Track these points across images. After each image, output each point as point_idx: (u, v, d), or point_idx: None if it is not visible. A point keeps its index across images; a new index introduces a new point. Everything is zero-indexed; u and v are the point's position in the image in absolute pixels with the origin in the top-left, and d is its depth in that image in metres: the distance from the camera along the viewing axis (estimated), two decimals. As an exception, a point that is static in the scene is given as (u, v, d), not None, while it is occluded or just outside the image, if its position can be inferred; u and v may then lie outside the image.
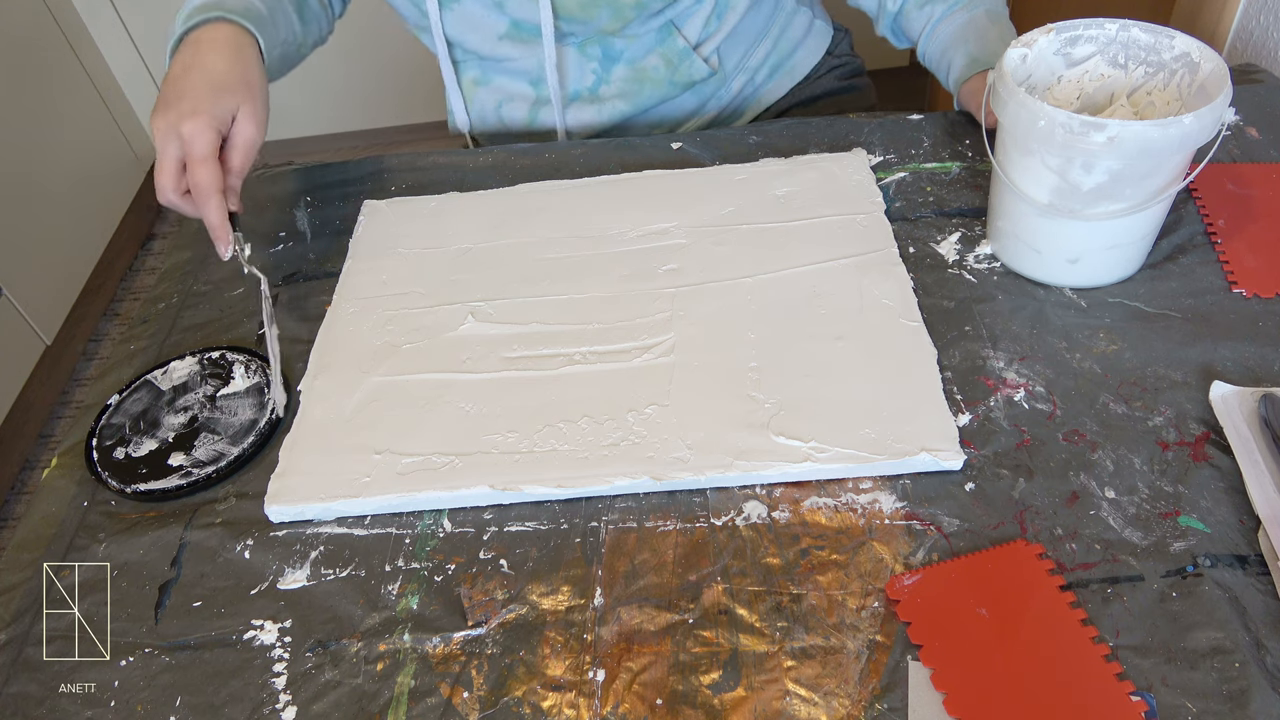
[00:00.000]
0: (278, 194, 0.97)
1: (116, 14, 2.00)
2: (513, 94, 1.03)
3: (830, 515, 0.63)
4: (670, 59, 0.98)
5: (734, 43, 1.02)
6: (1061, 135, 0.66)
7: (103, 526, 0.69)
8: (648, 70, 0.98)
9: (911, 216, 0.84)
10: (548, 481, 0.65)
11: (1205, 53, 0.71)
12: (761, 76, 1.06)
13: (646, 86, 1.00)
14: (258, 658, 0.60)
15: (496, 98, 1.04)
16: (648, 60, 0.98)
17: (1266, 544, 0.58)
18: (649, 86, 1.00)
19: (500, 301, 0.79)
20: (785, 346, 0.72)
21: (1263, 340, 0.70)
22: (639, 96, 1.00)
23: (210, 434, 0.72)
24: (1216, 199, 0.81)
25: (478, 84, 1.04)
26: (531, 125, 1.05)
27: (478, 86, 1.04)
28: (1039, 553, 0.59)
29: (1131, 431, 0.66)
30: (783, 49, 1.06)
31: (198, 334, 0.83)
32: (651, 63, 0.98)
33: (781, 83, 1.07)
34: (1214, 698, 0.52)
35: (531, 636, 0.59)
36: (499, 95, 1.04)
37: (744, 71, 1.04)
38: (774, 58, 1.05)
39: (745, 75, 1.04)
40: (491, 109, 1.05)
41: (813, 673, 0.55)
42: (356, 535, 0.66)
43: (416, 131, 2.22)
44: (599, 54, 0.98)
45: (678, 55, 0.98)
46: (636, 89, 1.00)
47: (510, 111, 1.05)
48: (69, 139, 1.97)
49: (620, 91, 1.00)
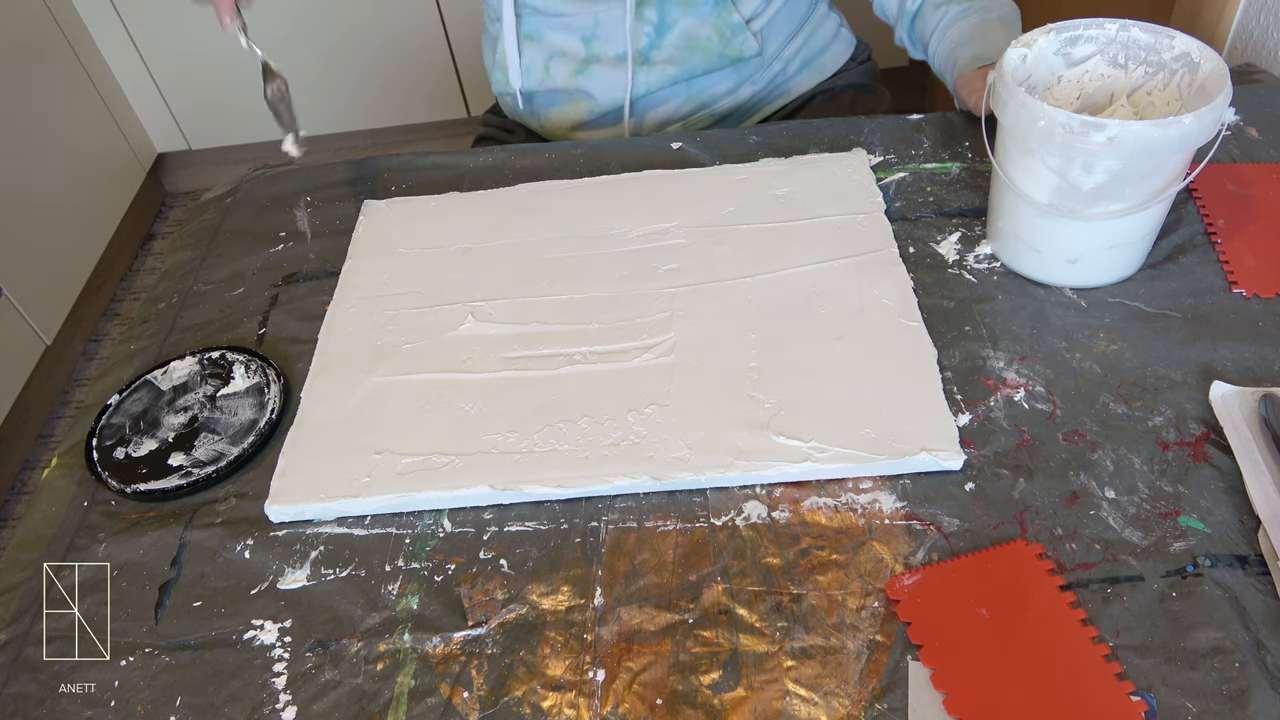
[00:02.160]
0: (278, 194, 0.97)
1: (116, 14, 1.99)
2: (564, 50, 1.04)
3: (830, 515, 0.63)
4: (723, 31, 1.02)
5: (775, 28, 1.06)
6: (1061, 135, 0.66)
7: (103, 526, 0.69)
8: (700, 39, 1.02)
9: (911, 216, 0.84)
10: (548, 481, 0.65)
11: (1205, 53, 0.71)
12: (794, 68, 1.10)
13: (697, 55, 1.03)
14: (258, 658, 0.60)
15: (546, 54, 1.06)
16: (701, 30, 1.01)
17: (1266, 544, 0.58)
18: (699, 55, 1.03)
19: (500, 301, 0.79)
20: (785, 346, 0.72)
21: (1263, 340, 0.70)
22: (689, 64, 1.03)
23: (210, 434, 0.72)
24: (1216, 199, 0.81)
25: (529, 39, 1.06)
26: (575, 83, 1.06)
27: (528, 42, 1.06)
28: (1039, 553, 0.59)
29: (1131, 431, 0.66)
30: (814, 46, 1.10)
31: (198, 334, 0.83)
32: (705, 32, 1.02)
33: (809, 77, 1.11)
34: (1214, 698, 0.52)
35: (531, 636, 0.59)
36: (548, 51, 1.06)
37: (780, 59, 1.08)
38: (805, 52, 1.10)
39: (781, 63, 1.08)
40: (539, 65, 1.07)
41: (813, 673, 0.55)
42: (356, 535, 0.66)
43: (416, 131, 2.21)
44: (655, 18, 1.01)
45: (730, 29, 1.01)
46: (687, 55, 1.03)
47: (557, 68, 1.06)
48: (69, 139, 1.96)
49: (670, 57, 1.03)
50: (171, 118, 2.19)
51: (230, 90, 2.10)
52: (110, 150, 2.11)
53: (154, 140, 2.23)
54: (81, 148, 2.01)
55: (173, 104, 2.16)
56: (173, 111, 2.17)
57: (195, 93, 2.14)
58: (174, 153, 2.28)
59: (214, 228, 0.95)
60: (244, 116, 2.15)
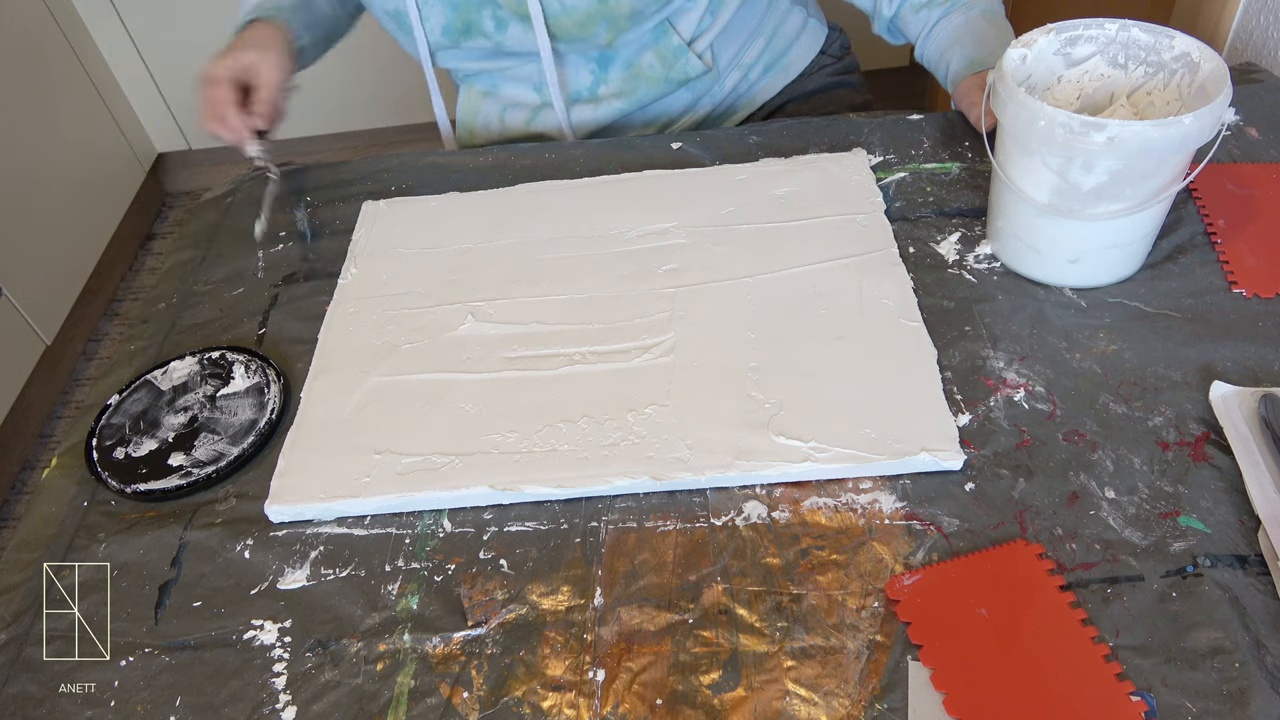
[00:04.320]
0: (278, 194, 0.97)
1: (116, 14, 2.00)
2: (517, 100, 1.05)
3: (830, 515, 0.63)
4: (665, 56, 0.99)
5: (727, 39, 1.02)
6: (1061, 135, 0.66)
7: (103, 526, 0.69)
8: (644, 69, 1.00)
9: (911, 216, 0.84)
10: (548, 481, 0.65)
11: (1205, 53, 0.71)
12: (755, 74, 1.06)
13: (643, 84, 1.01)
14: (257, 658, 0.60)
15: (500, 105, 1.07)
16: (643, 59, 0.99)
17: (1266, 544, 0.58)
18: (645, 84, 1.01)
19: (500, 301, 0.79)
20: (785, 346, 0.72)
21: (1263, 340, 0.70)
22: (635, 95, 1.01)
23: (210, 434, 0.72)
24: (1216, 199, 0.81)
25: (485, 95, 1.07)
26: (531, 127, 1.06)
27: (484, 98, 1.07)
28: (1039, 553, 0.59)
29: (1131, 431, 0.65)
30: (776, 47, 1.07)
31: (198, 334, 0.83)
32: (647, 61, 0.99)
33: (775, 80, 1.08)
34: (1214, 698, 0.52)
35: (531, 636, 0.59)
36: (503, 103, 1.06)
37: (738, 68, 1.05)
38: (768, 55, 1.06)
39: (739, 72, 1.05)
40: (496, 116, 1.08)
41: (812, 673, 0.55)
42: (356, 535, 0.66)
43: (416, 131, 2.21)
44: (596, 55, 0.99)
45: (672, 53, 0.99)
46: (633, 87, 1.01)
47: (513, 116, 1.06)
48: (69, 139, 1.97)
49: (618, 90, 1.01)
50: (171, 118, 2.19)
51: (230, 90, 2.10)
52: (110, 150, 2.11)
53: (154, 140, 2.23)
54: (81, 148, 2.01)
55: (173, 104, 2.16)
56: (173, 111, 2.18)
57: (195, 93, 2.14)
58: (174, 153, 2.28)
59: (214, 228, 0.95)
60: (244, 117, 2.15)
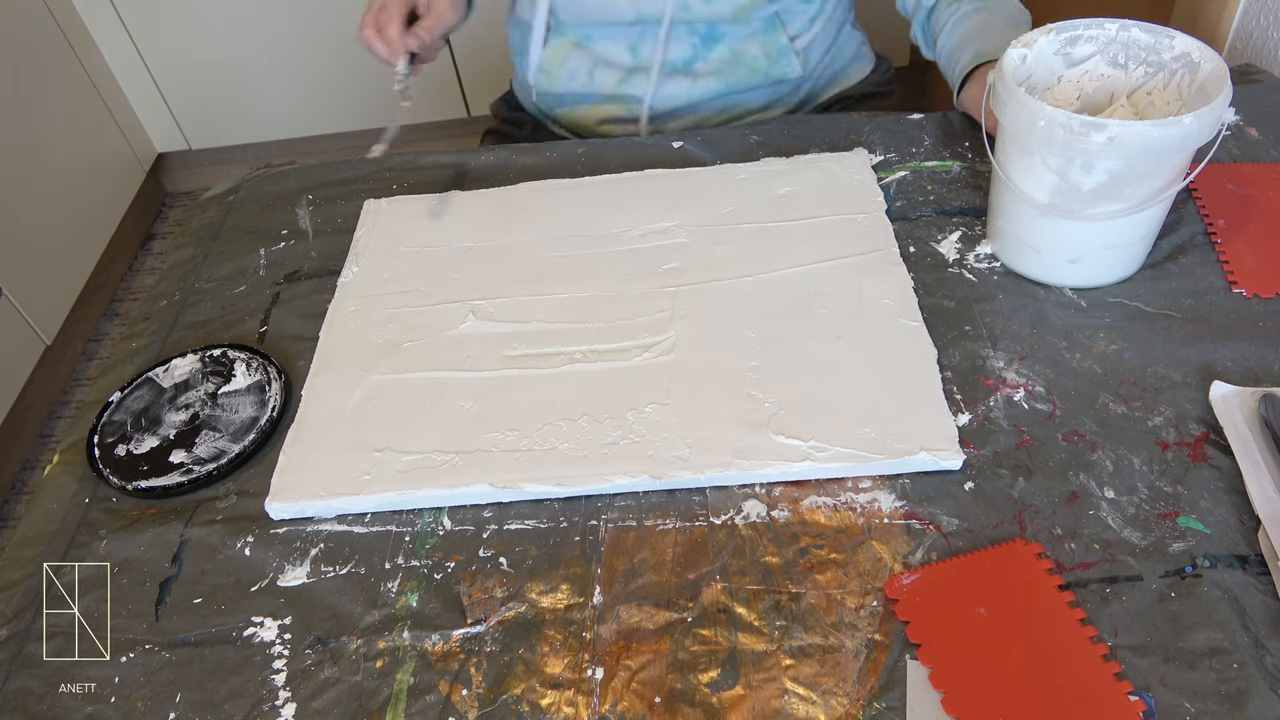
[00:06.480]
0: (280, 192, 0.97)
1: (116, 14, 1.99)
2: (610, 60, 1.04)
3: (829, 514, 0.63)
4: (770, 52, 1.02)
5: (816, 48, 1.06)
6: (1061, 135, 0.66)
7: (104, 523, 0.69)
8: (746, 56, 1.02)
9: (912, 216, 0.84)
10: (547, 480, 0.65)
11: (1205, 53, 0.71)
12: (821, 83, 1.10)
13: (742, 71, 1.03)
14: (257, 654, 0.60)
15: (591, 61, 1.05)
16: (748, 46, 1.01)
17: (1266, 544, 0.58)
18: (744, 71, 1.03)
19: (501, 300, 0.79)
20: (785, 346, 0.72)
21: (1263, 340, 0.70)
22: (732, 78, 1.03)
23: (211, 431, 0.73)
24: (1216, 199, 0.81)
25: (578, 46, 1.05)
26: (620, 89, 1.05)
27: (576, 48, 1.05)
28: (1038, 552, 0.59)
29: (1131, 431, 0.66)
30: (839, 62, 1.11)
31: (199, 331, 0.83)
32: (751, 50, 1.01)
33: (832, 90, 1.12)
34: (1212, 698, 0.52)
35: (530, 634, 0.59)
36: (594, 59, 1.05)
37: (811, 78, 1.08)
38: (832, 69, 1.10)
39: (811, 81, 1.09)
40: (584, 71, 1.06)
41: (811, 671, 0.55)
42: (356, 533, 0.66)
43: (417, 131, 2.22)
44: (702, 30, 1.00)
45: (778, 51, 1.02)
46: (732, 70, 1.02)
47: (603, 75, 1.05)
48: (69, 139, 1.96)
49: (716, 69, 1.03)
50: (171, 118, 2.19)
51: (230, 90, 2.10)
52: (110, 150, 2.11)
53: (154, 140, 2.23)
54: (81, 148, 2.01)
55: (173, 104, 2.16)
56: (173, 111, 2.18)
57: (195, 93, 2.14)
58: (174, 153, 2.28)
59: (216, 225, 0.95)
60: (244, 117, 2.15)
